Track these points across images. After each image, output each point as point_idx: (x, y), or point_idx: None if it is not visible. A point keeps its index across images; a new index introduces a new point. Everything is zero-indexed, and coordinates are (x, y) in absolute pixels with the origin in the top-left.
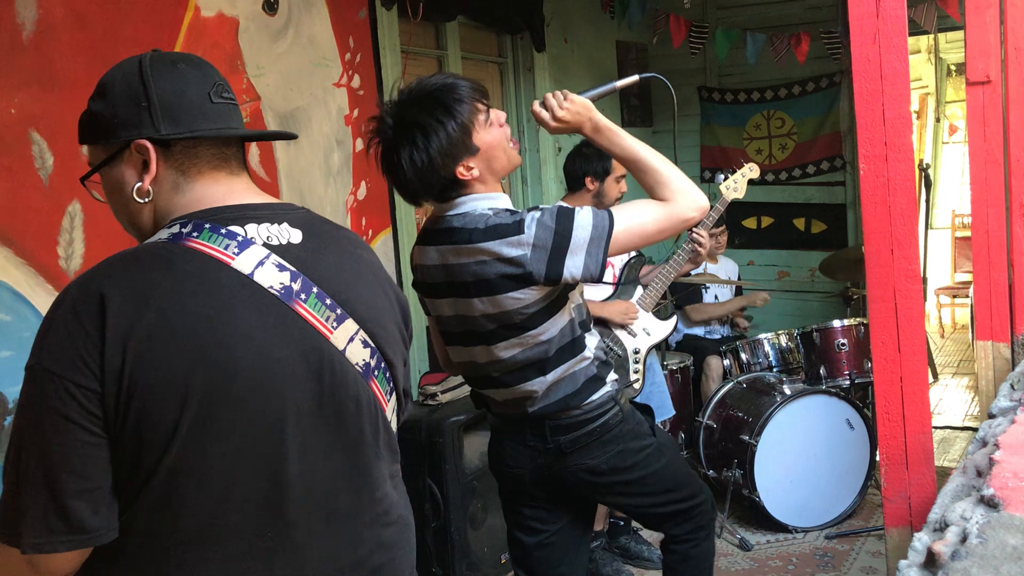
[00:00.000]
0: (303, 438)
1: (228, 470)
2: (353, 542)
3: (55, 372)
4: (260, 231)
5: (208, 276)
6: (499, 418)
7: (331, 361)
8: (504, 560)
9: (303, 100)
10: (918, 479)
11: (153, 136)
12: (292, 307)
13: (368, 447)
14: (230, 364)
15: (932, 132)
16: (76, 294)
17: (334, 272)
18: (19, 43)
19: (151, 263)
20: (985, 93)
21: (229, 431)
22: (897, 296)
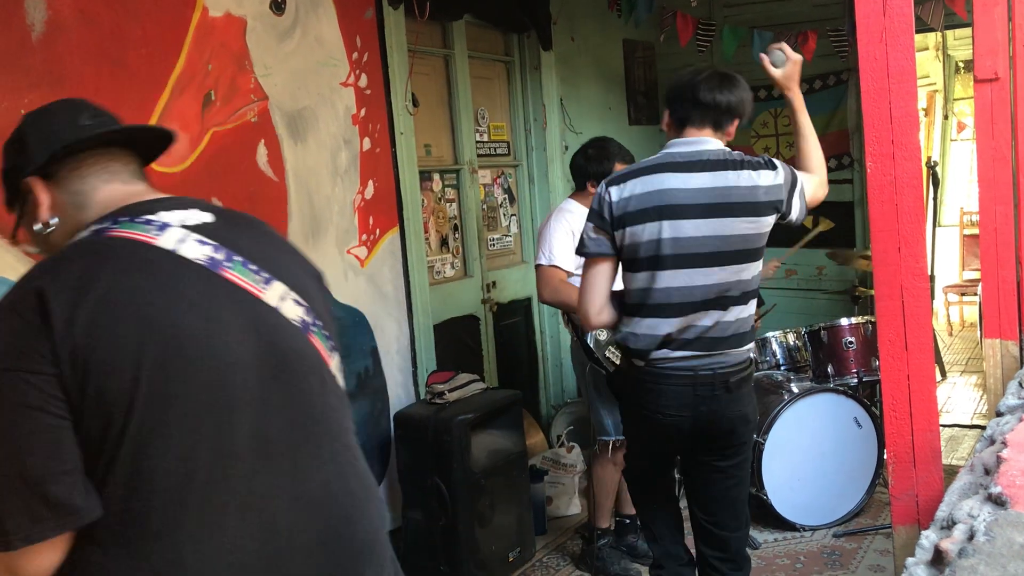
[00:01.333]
0: (254, 392)
1: (189, 431)
2: (321, 491)
3: (8, 368)
4: (173, 216)
5: (138, 256)
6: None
7: (266, 317)
8: (512, 559)
9: (310, 99)
10: (926, 477)
11: (32, 170)
12: (220, 274)
13: (317, 397)
14: (174, 331)
15: (940, 129)
16: (14, 297)
17: (251, 244)
18: (28, 44)
19: (81, 254)
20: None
21: (184, 394)
22: (904, 294)
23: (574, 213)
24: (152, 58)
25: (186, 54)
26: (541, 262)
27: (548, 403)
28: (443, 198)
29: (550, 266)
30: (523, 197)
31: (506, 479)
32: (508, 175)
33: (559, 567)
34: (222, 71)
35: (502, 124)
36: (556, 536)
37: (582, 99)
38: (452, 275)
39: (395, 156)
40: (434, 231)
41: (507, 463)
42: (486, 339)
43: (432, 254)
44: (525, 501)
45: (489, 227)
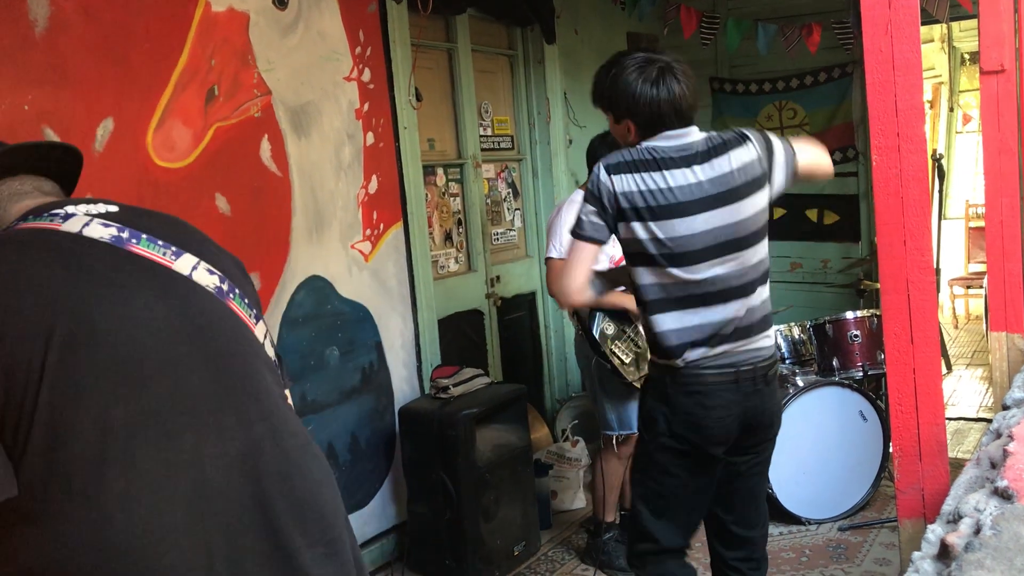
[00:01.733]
0: (168, 353)
1: (103, 394)
2: (251, 449)
3: None
4: (79, 208)
5: (41, 239)
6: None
7: (175, 283)
8: (517, 552)
9: (313, 94)
10: (931, 471)
11: None
12: (127, 249)
13: (239, 359)
14: (80, 302)
15: (945, 122)
16: None
17: (158, 227)
18: (31, 40)
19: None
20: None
21: (93, 359)
22: (910, 287)
23: None
24: (155, 54)
25: (189, 49)
26: (552, 255)
27: (553, 397)
28: (447, 192)
29: (560, 259)
30: (527, 191)
31: (511, 473)
32: (512, 169)
33: (564, 561)
34: (225, 66)
35: (506, 118)
36: (561, 530)
37: (586, 92)
38: (456, 269)
39: (399, 150)
40: (438, 225)
41: (512, 457)
42: (490, 333)
43: (436, 248)
44: (530, 495)
45: (493, 221)
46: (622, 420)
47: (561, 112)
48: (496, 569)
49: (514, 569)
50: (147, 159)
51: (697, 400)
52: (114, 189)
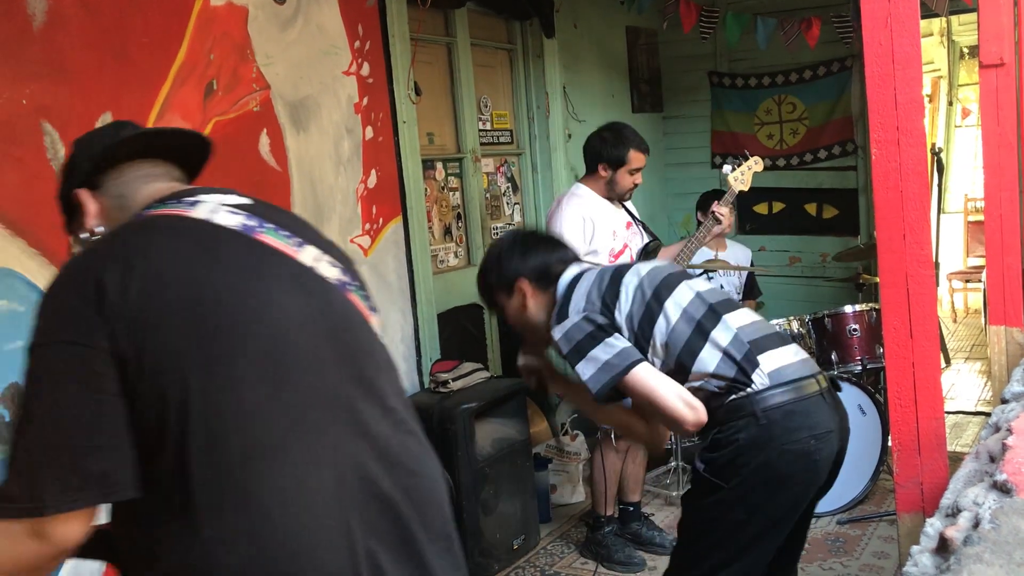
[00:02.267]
0: (310, 348)
1: (254, 390)
2: (384, 445)
3: (66, 340)
4: (209, 197)
5: (176, 226)
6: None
7: (305, 274)
8: (516, 546)
9: (313, 88)
10: (930, 464)
11: (80, 181)
12: (255, 237)
13: (367, 354)
14: (224, 294)
15: (945, 116)
16: (67, 276)
17: (284, 220)
18: (29, 34)
19: (125, 232)
20: (999, 76)
21: (243, 354)
22: (909, 281)
23: (584, 198)
24: (153, 48)
25: (188, 44)
26: None
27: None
28: (446, 187)
29: None
30: (526, 185)
31: (510, 467)
32: (511, 163)
33: (564, 555)
34: (224, 60)
35: (505, 112)
36: (561, 524)
37: (585, 87)
38: (456, 264)
39: (398, 145)
40: (437, 220)
41: (511, 451)
42: (490, 328)
43: (435, 243)
44: (529, 489)
45: (492, 216)
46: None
47: (560, 106)
48: (495, 563)
49: (513, 563)
50: None
51: (798, 421)
52: None
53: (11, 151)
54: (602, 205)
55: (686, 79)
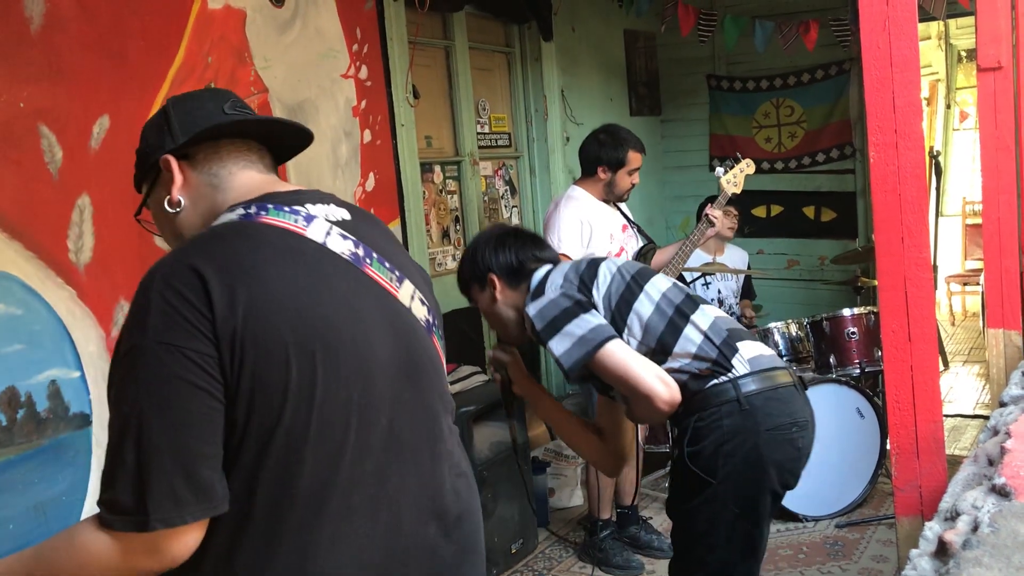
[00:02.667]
0: (390, 391)
1: (336, 426)
2: (436, 491)
3: (171, 343)
4: (318, 209)
5: (290, 245)
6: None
7: (402, 317)
8: (514, 550)
9: (311, 92)
10: (929, 468)
11: (172, 149)
12: (363, 270)
13: (435, 399)
14: (327, 324)
15: (943, 119)
16: (168, 271)
17: (382, 243)
18: (27, 37)
19: (235, 238)
20: (996, 79)
21: (333, 389)
22: (907, 285)
23: (581, 201)
24: (151, 51)
25: (185, 47)
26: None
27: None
28: (444, 190)
29: (561, 253)
30: (524, 189)
31: (508, 471)
32: (509, 166)
33: (562, 559)
34: (222, 64)
35: (503, 115)
36: (559, 528)
37: (583, 90)
38: (453, 267)
39: (396, 148)
40: (435, 223)
41: (509, 455)
42: (487, 331)
43: (433, 246)
44: (527, 493)
45: (491, 219)
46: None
47: (558, 109)
48: (493, 567)
49: (512, 567)
50: None
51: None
52: (111, 187)
53: (8, 153)
54: (599, 208)
55: (684, 82)
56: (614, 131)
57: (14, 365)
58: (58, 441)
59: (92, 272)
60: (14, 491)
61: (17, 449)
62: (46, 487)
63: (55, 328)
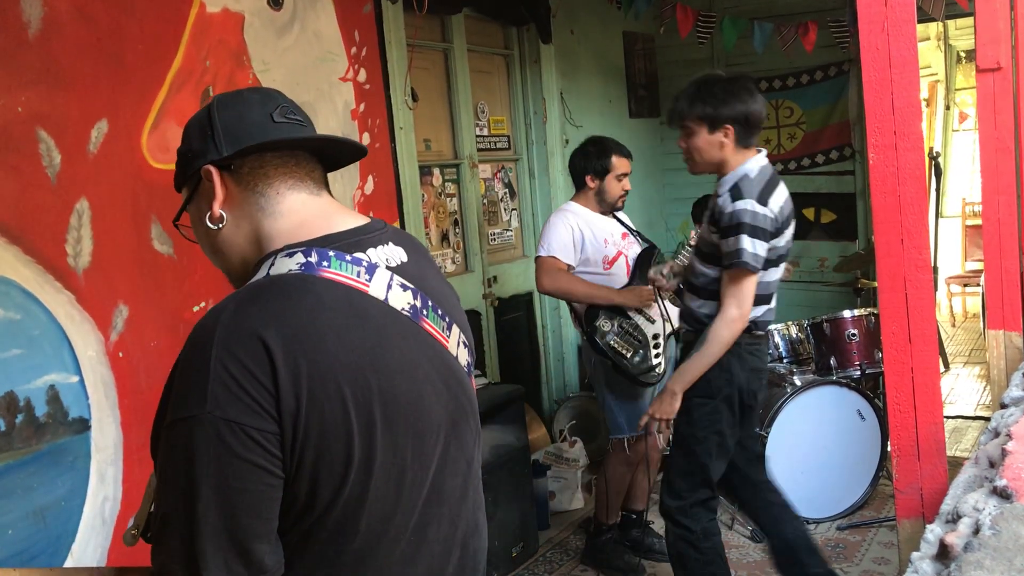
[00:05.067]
0: (440, 449)
1: (392, 492)
2: (465, 531)
3: (233, 419)
4: (379, 254)
5: (355, 307)
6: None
7: (453, 370)
8: (515, 554)
9: (309, 95)
10: (930, 470)
11: (215, 159)
12: (420, 325)
13: (472, 445)
14: (391, 393)
15: (942, 120)
16: (229, 336)
17: (435, 285)
18: (25, 41)
19: (300, 298)
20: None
21: (392, 457)
22: (907, 286)
23: (577, 214)
24: (150, 54)
25: (184, 50)
26: (540, 254)
27: (550, 398)
28: (443, 193)
29: (549, 256)
30: (524, 191)
31: (509, 474)
32: (508, 169)
33: (562, 562)
34: (220, 67)
35: (502, 118)
36: (559, 531)
37: (582, 92)
38: (453, 270)
39: (395, 151)
40: (434, 226)
41: (509, 458)
42: (487, 334)
43: (432, 249)
44: (528, 496)
45: (490, 222)
46: (631, 422)
47: (557, 112)
48: (494, 570)
49: (512, 570)
50: (142, 160)
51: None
52: (109, 191)
53: (6, 158)
54: (593, 218)
55: (683, 84)
56: (598, 140)
57: (13, 370)
58: (57, 446)
59: (91, 277)
60: (13, 496)
61: (16, 454)
62: (45, 492)
63: (54, 333)
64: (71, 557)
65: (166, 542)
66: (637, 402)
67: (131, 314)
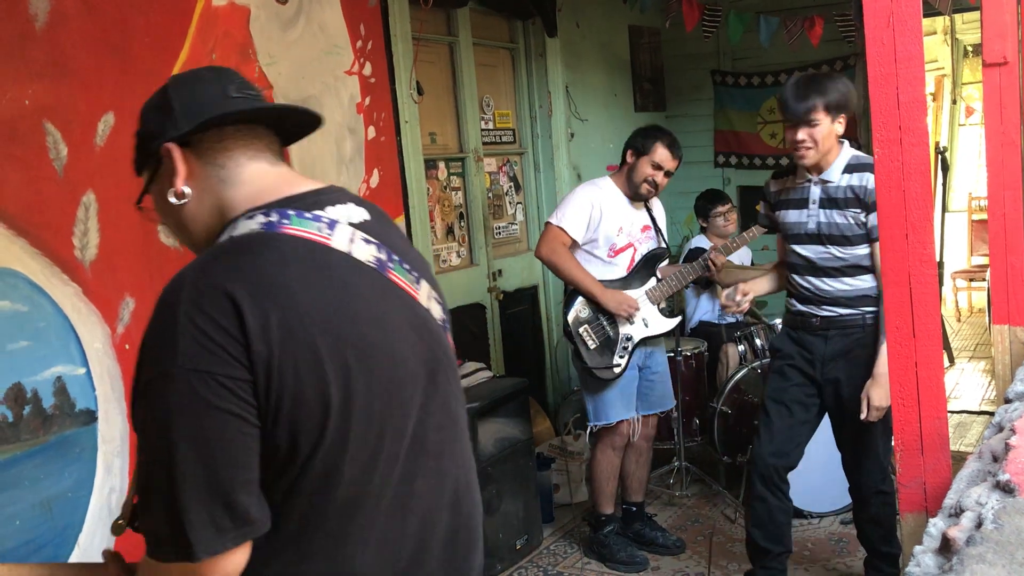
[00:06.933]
0: (419, 399)
1: (372, 439)
2: (454, 490)
3: (203, 370)
4: (338, 212)
5: (319, 260)
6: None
7: (426, 322)
8: (519, 546)
9: (315, 88)
10: (933, 464)
11: (174, 136)
12: (387, 276)
13: (455, 399)
14: (362, 340)
15: (948, 114)
16: (198, 293)
17: (398, 242)
18: (32, 34)
19: (263, 254)
20: (1002, 74)
21: (368, 403)
22: (912, 281)
23: (602, 189)
24: (156, 48)
25: (190, 44)
26: (551, 220)
27: (555, 391)
28: (448, 186)
29: (557, 226)
30: (529, 185)
31: (513, 467)
32: (514, 163)
33: (567, 554)
34: (226, 60)
35: (507, 112)
36: (563, 524)
37: (587, 86)
38: (458, 263)
39: (400, 144)
40: (439, 219)
41: (514, 451)
42: (492, 327)
43: (438, 242)
44: (532, 489)
45: (495, 215)
46: (597, 411)
47: (563, 105)
48: (498, 563)
49: (516, 563)
50: None
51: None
52: (116, 184)
53: (13, 151)
54: (619, 200)
55: (689, 78)
56: (659, 127)
57: (20, 361)
58: (64, 437)
59: (97, 269)
60: (21, 487)
61: (23, 445)
62: (52, 483)
63: (61, 325)
64: (78, 548)
65: (150, 508)
66: (603, 393)
67: (137, 307)
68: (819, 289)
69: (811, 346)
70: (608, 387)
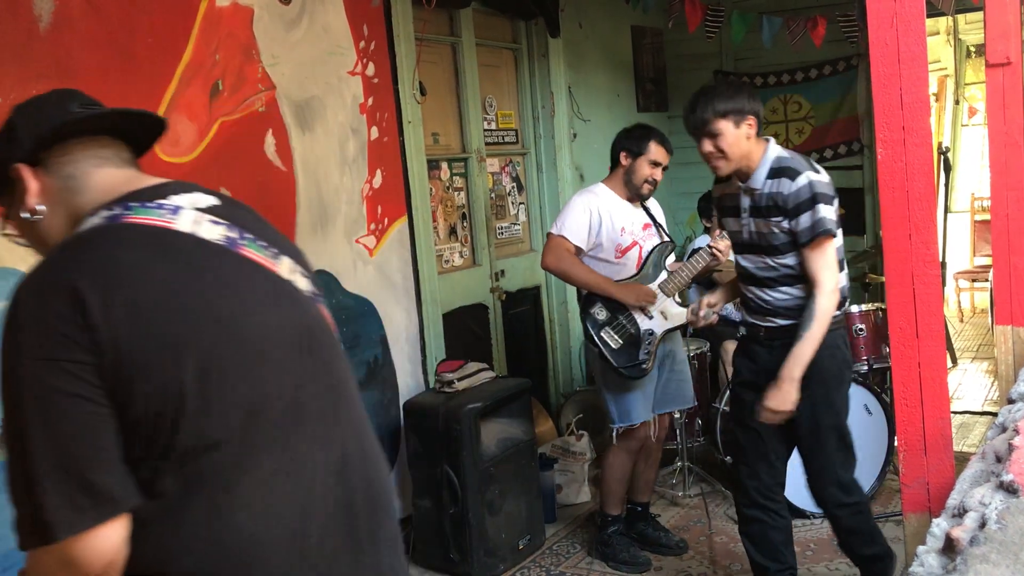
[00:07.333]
0: (289, 365)
1: (239, 408)
2: (344, 456)
3: (45, 358)
4: (182, 199)
5: (162, 241)
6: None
7: (286, 290)
8: (522, 547)
9: (318, 89)
10: (936, 465)
11: (20, 157)
12: (238, 252)
13: (335, 366)
14: (212, 311)
15: (951, 115)
16: (37, 287)
17: (253, 224)
18: (36, 35)
19: (103, 242)
20: (1005, 75)
21: (230, 370)
22: (915, 281)
23: (600, 197)
24: (159, 48)
25: (193, 44)
26: (552, 231)
27: (557, 391)
28: (451, 187)
29: (559, 235)
30: (531, 185)
31: (516, 467)
32: (516, 163)
33: (569, 555)
34: (229, 61)
35: (510, 112)
36: (566, 524)
37: (590, 86)
38: (461, 264)
39: (403, 145)
40: (442, 220)
41: (517, 451)
42: (495, 328)
43: (440, 243)
44: (535, 489)
45: (497, 216)
46: (620, 412)
47: (565, 106)
48: (501, 563)
49: (519, 563)
50: (151, 153)
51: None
52: None
53: None
54: (616, 202)
55: (692, 78)
56: (645, 125)
57: None
58: None
59: None
60: None
61: None
62: None
63: None
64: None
65: (12, 492)
66: (626, 394)
67: None
68: (761, 299)
69: (756, 356)
70: (633, 388)
